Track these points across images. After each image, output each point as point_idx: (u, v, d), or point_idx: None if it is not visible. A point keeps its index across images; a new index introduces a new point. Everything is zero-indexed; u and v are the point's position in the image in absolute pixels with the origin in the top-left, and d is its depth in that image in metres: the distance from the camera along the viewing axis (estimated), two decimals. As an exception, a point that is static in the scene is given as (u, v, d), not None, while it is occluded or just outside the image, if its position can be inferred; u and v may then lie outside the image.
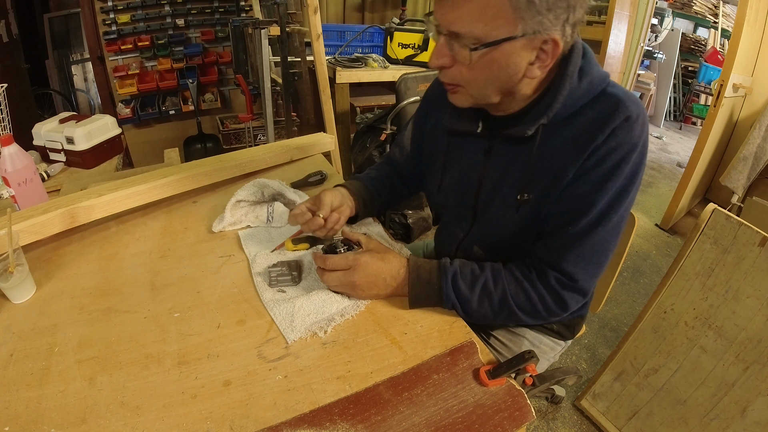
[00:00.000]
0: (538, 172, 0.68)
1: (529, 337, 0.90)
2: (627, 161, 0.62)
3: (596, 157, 0.62)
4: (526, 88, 0.65)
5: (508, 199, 0.71)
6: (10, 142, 0.94)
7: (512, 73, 0.61)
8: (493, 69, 0.60)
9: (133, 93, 2.93)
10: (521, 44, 0.57)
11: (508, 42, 0.56)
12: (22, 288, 0.70)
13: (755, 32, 2.28)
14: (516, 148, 0.70)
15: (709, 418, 1.07)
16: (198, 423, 0.52)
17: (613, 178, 0.62)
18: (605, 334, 1.81)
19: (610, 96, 0.64)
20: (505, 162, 0.72)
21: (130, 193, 0.93)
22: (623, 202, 0.64)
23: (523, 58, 0.59)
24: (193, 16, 2.96)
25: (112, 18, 2.75)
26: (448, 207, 0.85)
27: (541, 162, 0.68)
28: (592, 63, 0.65)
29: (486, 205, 0.76)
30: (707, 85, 4.47)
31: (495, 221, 0.75)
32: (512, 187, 0.71)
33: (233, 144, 3.04)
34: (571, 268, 0.66)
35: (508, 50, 0.58)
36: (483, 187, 0.76)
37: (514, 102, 0.68)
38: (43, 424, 0.51)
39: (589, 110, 0.64)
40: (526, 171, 0.69)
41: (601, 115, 0.63)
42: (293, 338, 0.63)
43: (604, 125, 0.62)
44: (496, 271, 0.70)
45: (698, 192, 2.88)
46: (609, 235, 0.66)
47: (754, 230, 0.93)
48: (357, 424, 0.52)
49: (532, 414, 0.55)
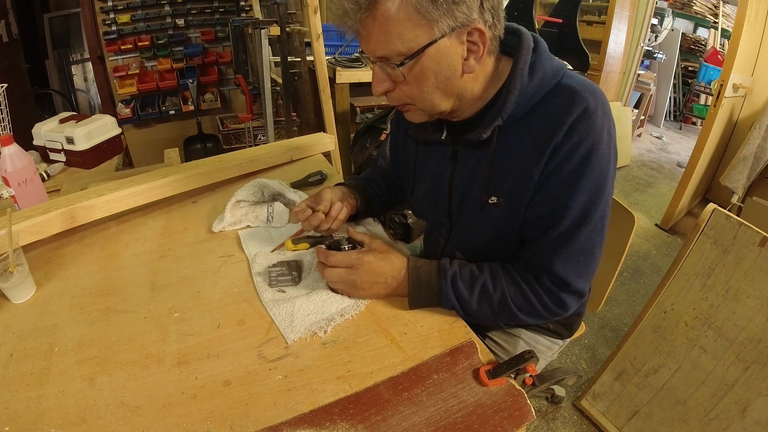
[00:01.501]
0: (499, 174, 0.67)
1: (524, 337, 0.90)
2: (595, 154, 0.60)
3: (561, 155, 0.61)
4: (473, 85, 0.64)
5: (477, 203, 0.71)
6: (10, 142, 0.94)
7: (449, 73, 0.60)
8: (429, 76, 0.60)
9: (133, 93, 2.93)
10: (445, 44, 0.57)
11: (430, 47, 0.57)
12: (22, 288, 0.70)
13: (755, 32, 2.28)
14: (478, 152, 0.70)
15: (709, 418, 1.07)
16: (198, 423, 0.52)
17: (585, 174, 0.60)
18: (605, 334, 1.81)
19: (565, 88, 0.62)
20: (470, 167, 0.72)
21: (130, 193, 0.93)
22: (602, 197, 0.62)
23: (453, 56, 0.59)
24: (193, 16, 2.96)
25: (112, 18, 2.75)
26: (425, 214, 0.86)
27: (501, 164, 0.67)
28: (543, 56, 0.64)
29: (459, 210, 0.76)
30: (707, 85, 4.47)
31: (469, 227, 0.74)
32: (479, 191, 0.70)
33: (233, 144, 3.04)
34: (561, 272, 0.65)
35: (434, 54, 0.58)
36: (453, 192, 0.76)
37: (466, 104, 0.67)
38: (43, 424, 0.51)
39: (544, 106, 0.62)
40: (487, 173, 0.68)
41: (558, 110, 0.61)
42: (293, 338, 0.63)
43: (561, 120, 0.60)
44: (495, 272, 0.69)
45: (698, 192, 2.89)
46: (594, 234, 0.64)
47: (754, 230, 0.93)
48: (357, 424, 0.52)
49: (532, 414, 0.55)
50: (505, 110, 0.63)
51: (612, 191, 0.66)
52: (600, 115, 0.60)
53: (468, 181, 0.72)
